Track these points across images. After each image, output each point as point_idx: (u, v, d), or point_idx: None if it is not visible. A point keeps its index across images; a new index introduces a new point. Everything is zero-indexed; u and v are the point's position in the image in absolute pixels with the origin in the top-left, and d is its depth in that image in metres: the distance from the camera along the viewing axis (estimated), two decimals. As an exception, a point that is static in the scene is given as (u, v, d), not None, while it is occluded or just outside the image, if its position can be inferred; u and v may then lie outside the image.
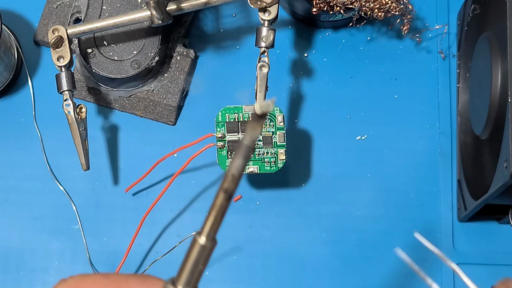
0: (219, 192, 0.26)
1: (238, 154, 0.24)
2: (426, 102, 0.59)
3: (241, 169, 0.25)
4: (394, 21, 0.57)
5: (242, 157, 0.24)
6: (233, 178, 0.25)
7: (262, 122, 0.24)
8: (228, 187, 0.26)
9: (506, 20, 0.46)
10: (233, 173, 0.25)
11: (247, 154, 0.24)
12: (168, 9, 0.52)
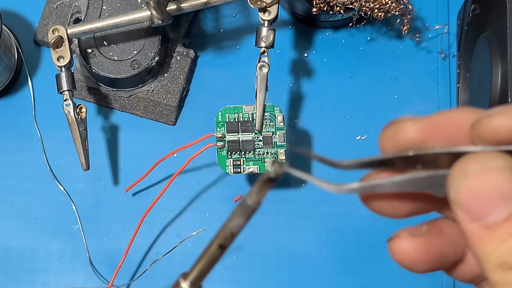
0: (214, 245, 0.24)
1: (241, 213, 0.24)
2: (426, 102, 0.59)
3: (241, 228, 0.24)
4: (394, 21, 0.57)
5: (244, 217, 0.24)
6: (231, 236, 0.24)
7: (271, 185, 0.25)
8: (225, 244, 0.24)
9: (506, 20, 0.46)
10: (233, 231, 0.24)
11: (250, 215, 0.24)
12: (168, 9, 0.52)
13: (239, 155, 0.52)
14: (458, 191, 0.20)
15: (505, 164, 0.20)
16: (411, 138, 0.22)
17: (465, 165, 0.20)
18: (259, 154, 0.52)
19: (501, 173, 0.20)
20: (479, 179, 0.20)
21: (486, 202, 0.20)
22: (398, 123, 0.23)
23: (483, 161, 0.20)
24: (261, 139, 0.52)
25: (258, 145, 0.52)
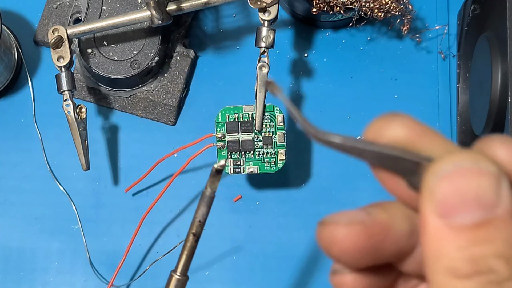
0: (189, 236, 0.32)
1: (202, 203, 0.30)
2: (426, 102, 0.59)
3: (206, 215, 0.31)
4: (394, 21, 0.57)
5: (206, 206, 0.30)
6: (200, 224, 0.31)
7: (219, 177, 0.30)
8: (196, 231, 0.32)
9: (506, 20, 0.46)
10: (199, 219, 0.31)
11: (209, 203, 0.31)
12: (168, 9, 0.52)
13: (239, 155, 0.52)
14: (440, 179, 0.18)
15: (497, 172, 0.18)
16: (399, 136, 0.21)
17: (458, 157, 0.19)
18: (259, 154, 0.52)
19: (490, 179, 0.18)
20: (466, 176, 0.18)
21: (463, 201, 0.18)
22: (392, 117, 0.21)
23: (477, 160, 0.18)
24: (261, 139, 0.52)
25: (258, 145, 0.52)
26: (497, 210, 0.18)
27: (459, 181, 0.18)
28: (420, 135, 0.20)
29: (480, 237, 0.18)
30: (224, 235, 0.57)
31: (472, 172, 0.18)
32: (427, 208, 0.19)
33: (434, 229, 0.18)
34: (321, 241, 0.21)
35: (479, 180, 0.18)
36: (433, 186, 0.19)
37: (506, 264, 0.18)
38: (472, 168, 0.18)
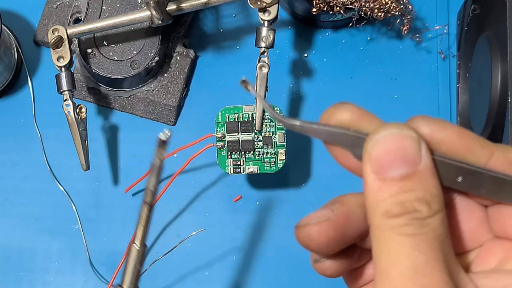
0: (143, 206, 0.33)
1: (152, 173, 0.32)
2: (426, 102, 0.59)
3: (156, 184, 0.32)
4: (394, 21, 0.57)
5: (155, 175, 0.32)
6: (151, 193, 0.32)
7: (165, 146, 0.33)
8: (149, 201, 0.33)
9: (506, 20, 0.46)
10: (150, 188, 0.32)
11: (158, 172, 0.32)
12: (168, 9, 0.52)
13: (239, 155, 0.52)
14: (374, 144, 0.24)
15: (416, 136, 0.24)
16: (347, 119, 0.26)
17: (386, 127, 0.24)
18: (259, 154, 0.52)
19: (411, 141, 0.24)
20: (393, 139, 0.24)
21: (392, 159, 0.24)
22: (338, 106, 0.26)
23: (401, 128, 0.24)
24: (261, 139, 0.52)
25: (258, 145, 0.52)
26: (419, 166, 0.24)
27: (388, 144, 0.24)
28: (360, 117, 0.25)
29: (407, 186, 0.23)
30: (224, 235, 0.57)
31: (397, 136, 0.24)
32: (366, 168, 0.24)
33: (372, 183, 0.24)
34: (300, 240, 0.28)
35: (402, 141, 0.24)
36: (370, 150, 0.24)
37: (426, 206, 0.23)
38: (397, 133, 0.24)
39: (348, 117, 0.25)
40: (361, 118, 0.25)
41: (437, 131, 0.25)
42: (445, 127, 0.25)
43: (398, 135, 0.24)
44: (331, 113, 0.26)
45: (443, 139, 0.25)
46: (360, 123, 0.25)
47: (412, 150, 0.24)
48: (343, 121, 0.25)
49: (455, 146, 0.25)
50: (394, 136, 0.24)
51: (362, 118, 0.25)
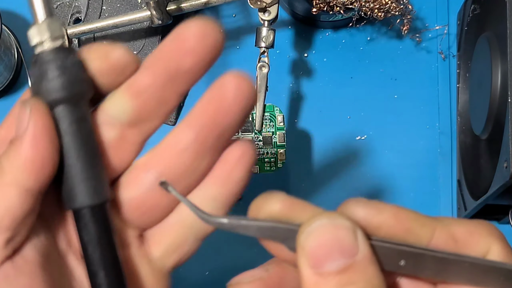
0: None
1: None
2: (426, 102, 0.59)
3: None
4: (394, 21, 0.57)
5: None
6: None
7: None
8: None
9: (506, 20, 0.46)
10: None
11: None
12: (168, 9, 0.52)
13: (239, 155, 0.52)
14: (307, 236, 0.23)
15: (350, 225, 0.23)
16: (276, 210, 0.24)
17: (318, 218, 0.23)
18: (259, 154, 0.52)
19: (346, 231, 0.23)
20: (327, 231, 0.22)
21: (327, 252, 0.22)
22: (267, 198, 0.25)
23: (334, 218, 0.23)
24: (261, 139, 0.52)
25: (258, 145, 0.52)
26: (356, 256, 0.22)
27: (321, 235, 0.22)
28: (291, 208, 0.24)
29: (345, 280, 0.22)
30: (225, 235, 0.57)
31: (330, 227, 0.22)
32: (301, 262, 0.23)
33: (308, 279, 0.23)
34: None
35: (336, 233, 0.22)
36: (303, 243, 0.23)
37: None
38: (329, 224, 0.23)
39: (277, 208, 0.24)
40: (292, 208, 0.24)
41: (373, 216, 0.24)
42: (381, 210, 0.24)
43: (331, 226, 0.23)
44: (259, 206, 0.25)
45: (381, 224, 0.24)
46: (291, 213, 0.24)
47: (347, 240, 0.22)
48: (273, 213, 0.24)
49: (393, 230, 0.24)
50: (327, 227, 0.23)
51: (293, 208, 0.24)
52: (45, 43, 0.26)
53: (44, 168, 0.24)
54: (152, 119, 0.27)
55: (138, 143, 0.28)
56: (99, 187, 0.26)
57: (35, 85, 0.26)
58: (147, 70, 0.26)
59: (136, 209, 0.27)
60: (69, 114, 0.26)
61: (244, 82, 0.26)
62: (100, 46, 0.26)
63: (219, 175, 0.27)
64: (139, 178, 0.27)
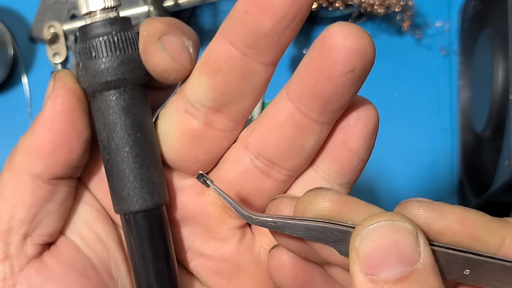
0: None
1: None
2: (426, 100, 0.59)
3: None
4: (394, 17, 0.57)
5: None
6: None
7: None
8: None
9: (507, 16, 0.46)
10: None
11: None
12: (165, 5, 0.52)
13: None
14: (363, 239, 0.20)
15: (412, 229, 0.20)
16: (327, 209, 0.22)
17: (376, 219, 0.20)
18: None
19: (406, 235, 0.20)
20: (385, 234, 0.20)
21: (384, 258, 0.20)
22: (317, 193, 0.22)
23: (393, 219, 0.20)
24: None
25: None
26: (417, 264, 0.20)
27: (378, 239, 0.20)
28: (343, 206, 0.22)
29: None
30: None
31: (389, 229, 0.20)
32: (354, 268, 0.20)
33: (361, 285, 0.20)
34: (271, 262, 0.24)
35: (396, 236, 0.20)
36: (357, 247, 0.20)
37: None
38: (389, 225, 0.20)
39: (327, 207, 0.22)
40: (344, 207, 0.22)
41: (436, 220, 0.21)
42: (445, 214, 0.21)
43: (390, 228, 0.20)
44: (307, 204, 0.22)
45: (444, 229, 0.21)
46: (343, 213, 0.22)
47: (408, 246, 0.20)
48: (322, 213, 0.22)
49: (458, 236, 0.21)
50: (385, 229, 0.20)
51: (345, 207, 0.22)
52: (97, 13, 0.22)
53: (56, 152, 0.22)
54: (239, 100, 0.23)
55: (229, 128, 0.24)
56: (153, 189, 0.23)
57: (81, 64, 0.22)
58: (222, 38, 0.23)
59: (235, 193, 0.24)
60: (121, 101, 0.23)
61: (355, 33, 0.22)
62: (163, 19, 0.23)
63: (332, 149, 0.24)
64: (237, 159, 0.24)
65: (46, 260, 0.23)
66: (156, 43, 0.22)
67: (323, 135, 0.23)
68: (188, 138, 0.23)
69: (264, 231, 0.25)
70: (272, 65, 0.23)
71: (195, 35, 0.24)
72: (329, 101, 0.22)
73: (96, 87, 0.22)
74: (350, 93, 0.23)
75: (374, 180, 0.57)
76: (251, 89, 0.23)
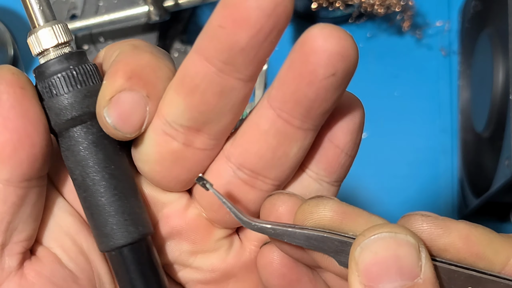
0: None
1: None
2: (427, 100, 0.59)
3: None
4: (395, 17, 0.57)
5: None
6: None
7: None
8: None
9: (507, 16, 0.46)
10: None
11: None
12: (165, 5, 0.52)
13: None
14: (363, 250, 0.20)
15: (415, 243, 0.20)
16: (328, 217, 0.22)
17: (377, 230, 0.20)
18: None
19: (408, 249, 0.19)
20: (386, 246, 0.19)
21: (384, 270, 0.19)
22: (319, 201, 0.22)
23: (395, 231, 0.20)
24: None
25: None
26: (418, 279, 0.19)
27: (379, 251, 0.19)
28: (343, 217, 0.21)
29: None
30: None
31: (390, 241, 0.19)
32: (353, 279, 0.20)
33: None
34: (261, 257, 0.24)
35: (397, 249, 0.19)
36: (357, 258, 0.20)
37: None
38: (389, 238, 0.19)
39: (328, 216, 0.21)
40: (345, 217, 0.21)
41: (439, 236, 0.20)
42: (449, 230, 0.20)
43: (391, 240, 0.19)
44: (307, 213, 0.21)
45: (448, 246, 0.20)
46: (344, 223, 0.21)
47: (409, 260, 0.19)
48: (323, 222, 0.21)
49: (462, 254, 0.20)
50: (387, 241, 0.19)
51: (346, 217, 0.21)
52: (50, 51, 0.22)
53: (18, 151, 0.21)
54: (219, 118, 0.22)
55: (210, 147, 0.23)
56: (137, 219, 0.23)
57: (43, 104, 0.22)
58: (197, 54, 0.21)
59: (219, 206, 0.23)
60: (90, 135, 0.22)
61: (336, 35, 0.21)
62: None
63: (318, 146, 0.23)
64: (219, 171, 0.23)
65: (27, 274, 0.23)
66: (103, 109, 0.21)
67: (307, 142, 0.23)
68: (168, 159, 0.23)
69: (252, 235, 0.25)
70: (250, 80, 0.22)
71: (163, 69, 0.22)
72: (312, 106, 0.22)
73: (61, 125, 0.22)
74: (333, 97, 0.22)
75: (374, 179, 0.57)
76: (230, 106, 0.22)
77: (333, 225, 0.21)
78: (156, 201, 0.24)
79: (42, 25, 0.22)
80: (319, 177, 0.24)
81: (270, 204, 0.23)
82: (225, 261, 0.25)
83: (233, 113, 0.22)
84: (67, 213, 0.24)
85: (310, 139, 0.23)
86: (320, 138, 0.23)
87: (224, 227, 0.25)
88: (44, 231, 0.24)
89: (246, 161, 0.23)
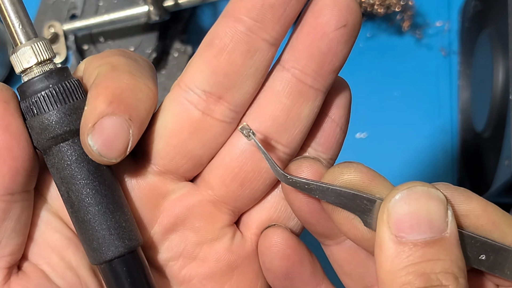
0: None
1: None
2: (426, 100, 0.59)
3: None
4: (395, 17, 0.57)
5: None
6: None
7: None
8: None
9: (507, 16, 0.46)
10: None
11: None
12: (165, 5, 0.52)
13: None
14: (397, 202, 0.21)
15: (444, 199, 0.21)
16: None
17: (411, 184, 0.21)
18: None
19: (438, 204, 0.21)
20: (419, 199, 0.21)
21: (416, 222, 0.20)
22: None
23: (428, 186, 0.21)
24: (260, 137, 0.51)
25: (256, 143, 0.51)
26: (445, 233, 0.21)
27: (412, 203, 0.21)
28: (372, 179, 0.22)
29: (431, 254, 0.20)
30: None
31: (423, 195, 0.21)
32: (383, 229, 0.21)
33: (389, 247, 0.21)
34: (264, 239, 0.25)
35: (429, 203, 0.21)
36: (390, 208, 0.21)
37: (454, 280, 0.20)
38: (423, 191, 0.21)
39: (358, 178, 0.22)
40: (373, 180, 0.22)
41: (461, 202, 0.22)
42: (470, 198, 0.22)
43: (424, 194, 0.21)
44: (338, 173, 0.22)
45: (468, 212, 0.22)
46: (372, 185, 0.22)
47: (439, 214, 0.21)
48: (353, 183, 0.22)
49: (480, 221, 0.22)
50: (419, 194, 0.21)
51: (374, 180, 0.22)
52: (32, 69, 0.22)
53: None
54: (242, 82, 0.23)
55: (229, 119, 0.24)
56: (123, 233, 0.23)
57: (26, 123, 0.22)
58: (227, 17, 0.23)
59: (233, 176, 0.24)
60: (73, 152, 0.22)
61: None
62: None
63: (314, 131, 0.25)
64: (233, 140, 0.24)
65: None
66: (87, 136, 0.22)
67: (317, 104, 0.24)
68: (187, 130, 0.23)
69: (252, 223, 0.26)
70: (274, 44, 0.23)
71: (143, 90, 0.23)
72: (324, 61, 0.23)
73: (45, 144, 0.22)
74: (343, 52, 0.24)
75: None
76: (254, 69, 0.23)
77: (362, 186, 0.22)
78: (159, 192, 0.25)
79: (23, 43, 0.22)
80: (317, 153, 0.25)
81: (296, 166, 0.24)
82: (229, 250, 0.25)
83: (255, 78, 0.23)
84: (54, 230, 0.24)
85: (320, 101, 0.24)
86: (318, 116, 0.24)
87: (231, 207, 0.25)
88: (31, 247, 0.24)
89: (260, 125, 0.24)
